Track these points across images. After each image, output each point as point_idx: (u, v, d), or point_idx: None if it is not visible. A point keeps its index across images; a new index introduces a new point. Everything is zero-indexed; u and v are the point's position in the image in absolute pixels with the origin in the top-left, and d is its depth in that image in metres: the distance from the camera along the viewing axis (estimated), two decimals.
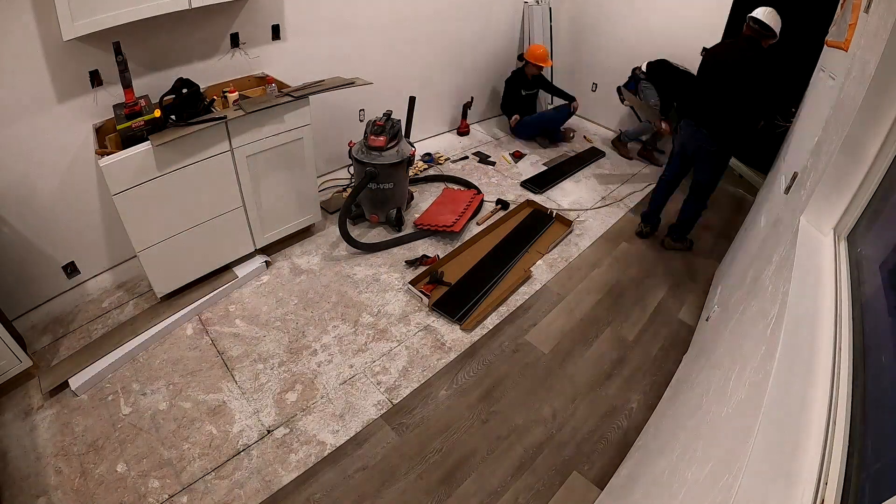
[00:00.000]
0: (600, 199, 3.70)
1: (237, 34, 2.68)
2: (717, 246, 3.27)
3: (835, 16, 2.45)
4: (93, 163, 2.32)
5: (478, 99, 4.56)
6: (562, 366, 2.38)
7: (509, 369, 2.34)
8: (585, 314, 2.69)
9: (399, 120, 2.99)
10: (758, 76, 2.47)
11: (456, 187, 3.64)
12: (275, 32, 2.85)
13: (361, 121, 3.63)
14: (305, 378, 2.23)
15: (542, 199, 3.62)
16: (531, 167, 4.05)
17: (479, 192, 3.54)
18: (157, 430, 1.98)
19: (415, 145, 3.15)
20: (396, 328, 2.50)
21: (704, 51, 2.90)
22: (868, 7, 1.57)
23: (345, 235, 2.83)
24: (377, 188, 2.93)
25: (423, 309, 2.62)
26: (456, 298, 2.67)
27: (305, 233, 3.06)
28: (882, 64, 1.18)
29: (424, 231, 3.13)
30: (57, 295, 2.53)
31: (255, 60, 2.83)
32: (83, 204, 2.46)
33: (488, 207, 3.46)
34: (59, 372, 2.13)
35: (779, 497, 0.74)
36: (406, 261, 2.90)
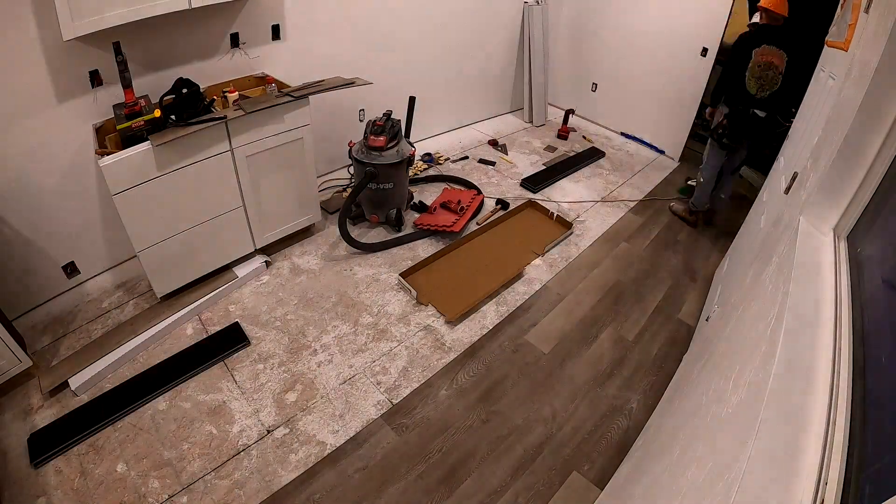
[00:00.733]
0: (600, 199, 3.70)
1: (237, 34, 2.69)
2: (718, 246, 3.27)
3: (835, 16, 2.45)
4: (93, 163, 2.32)
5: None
6: (562, 366, 2.38)
7: (509, 369, 2.34)
8: (585, 314, 2.69)
9: (399, 120, 2.99)
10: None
11: (456, 187, 3.65)
12: (275, 32, 2.85)
13: (361, 121, 3.64)
14: (305, 378, 2.23)
15: (542, 199, 3.62)
16: (531, 167, 4.05)
17: (480, 193, 3.54)
18: (157, 430, 1.98)
19: (414, 145, 3.15)
20: (396, 328, 2.50)
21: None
22: (868, 7, 1.57)
23: (345, 235, 2.83)
24: (377, 188, 2.93)
25: (421, 309, 2.62)
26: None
27: (305, 233, 3.06)
28: (882, 64, 1.18)
29: (424, 231, 3.13)
30: (57, 295, 2.53)
31: (255, 60, 2.83)
32: (83, 204, 2.46)
33: (489, 207, 3.46)
34: (59, 372, 2.13)
35: (779, 497, 0.74)
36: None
